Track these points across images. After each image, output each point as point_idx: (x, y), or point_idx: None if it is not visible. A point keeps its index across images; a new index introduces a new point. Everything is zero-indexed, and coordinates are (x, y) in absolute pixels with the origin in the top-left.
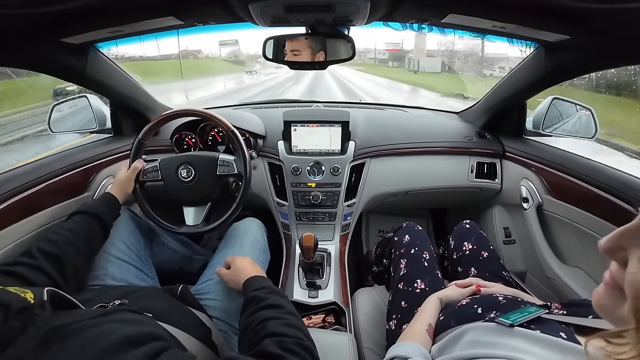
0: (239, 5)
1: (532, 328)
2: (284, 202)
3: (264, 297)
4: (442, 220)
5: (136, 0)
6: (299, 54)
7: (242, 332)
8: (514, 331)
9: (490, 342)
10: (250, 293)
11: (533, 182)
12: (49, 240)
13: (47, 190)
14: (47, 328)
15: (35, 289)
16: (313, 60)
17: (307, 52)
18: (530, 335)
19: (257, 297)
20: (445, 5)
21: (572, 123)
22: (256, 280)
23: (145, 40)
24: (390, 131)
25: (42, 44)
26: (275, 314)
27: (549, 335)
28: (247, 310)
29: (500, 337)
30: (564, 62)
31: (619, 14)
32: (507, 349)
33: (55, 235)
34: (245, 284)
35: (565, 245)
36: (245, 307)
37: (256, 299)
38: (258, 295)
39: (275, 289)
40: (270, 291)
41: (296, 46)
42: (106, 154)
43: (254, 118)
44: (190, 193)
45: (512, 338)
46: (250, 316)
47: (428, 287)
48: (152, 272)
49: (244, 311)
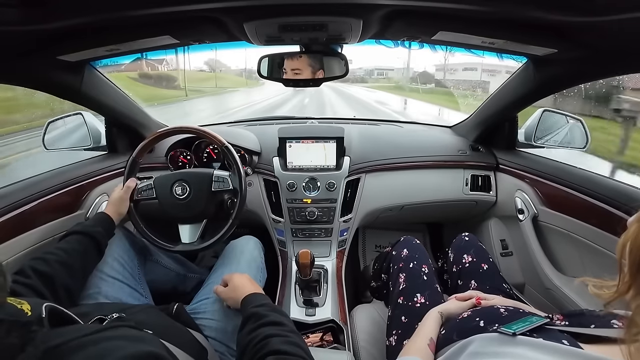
0: (234, 25)
1: (535, 336)
2: (280, 218)
3: (264, 314)
4: (439, 234)
5: (133, 20)
6: (299, 73)
7: (243, 348)
8: (517, 340)
9: (494, 352)
10: (249, 310)
11: (527, 193)
12: (43, 259)
13: (40, 208)
14: (44, 347)
15: (33, 301)
16: (314, 77)
17: (307, 70)
18: (533, 342)
19: (257, 314)
20: (435, 23)
21: (563, 134)
22: (255, 298)
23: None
24: (384, 146)
25: (38, 62)
26: (277, 331)
27: (551, 342)
28: (247, 327)
29: (503, 347)
30: (552, 75)
31: (604, 27)
32: (511, 357)
33: (48, 255)
34: (244, 301)
35: (563, 255)
36: (244, 323)
37: (257, 316)
38: (259, 312)
39: (275, 307)
40: (270, 308)
41: (297, 65)
42: (100, 171)
43: (249, 135)
44: (185, 210)
45: (515, 347)
46: (250, 333)
47: (428, 301)
48: (146, 291)
49: (243, 328)
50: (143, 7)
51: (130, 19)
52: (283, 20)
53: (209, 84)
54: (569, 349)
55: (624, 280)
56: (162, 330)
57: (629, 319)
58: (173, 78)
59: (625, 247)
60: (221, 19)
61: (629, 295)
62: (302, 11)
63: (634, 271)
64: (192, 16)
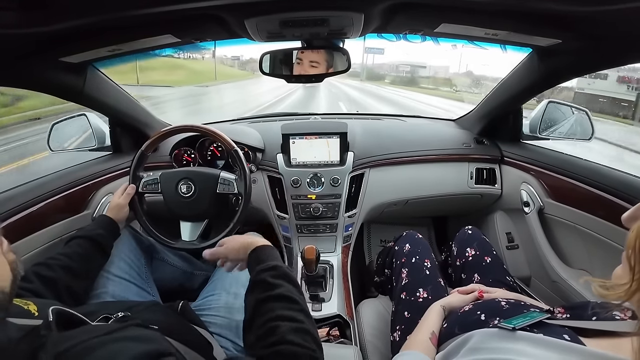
0: (235, 22)
1: (535, 332)
2: (285, 215)
3: (274, 284)
4: (444, 227)
5: (134, 20)
6: (317, 66)
7: (251, 315)
8: (517, 335)
9: (493, 348)
10: (258, 275)
11: (533, 186)
12: (45, 264)
13: (47, 209)
14: (55, 352)
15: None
16: (327, 72)
17: (324, 65)
18: (533, 338)
19: (266, 282)
20: (438, 15)
21: (568, 126)
22: (263, 254)
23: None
24: (388, 141)
25: (40, 63)
26: (288, 312)
27: (552, 337)
28: (256, 293)
29: (503, 342)
30: (556, 66)
31: (608, 16)
32: (510, 353)
33: (51, 260)
34: (251, 258)
35: (569, 247)
36: (253, 287)
37: (265, 284)
38: (267, 279)
39: (286, 272)
40: (280, 274)
41: (315, 57)
42: (105, 171)
43: (253, 132)
44: (188, 209)
45: (515, 342)
46: (260, 304)
47: (431, 295)
48: (153, 290)
49: (252, 291)
50: (144, 7)
51: (132, 18)
52: (284, 16)
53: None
54: (569, 344)
55: (635, 278)
56: (167, 328)
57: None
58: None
59: (636, 242)
60: (222, 16)
61: (639, 295)
62: (303, 6)
63: None
64: (193, 14)
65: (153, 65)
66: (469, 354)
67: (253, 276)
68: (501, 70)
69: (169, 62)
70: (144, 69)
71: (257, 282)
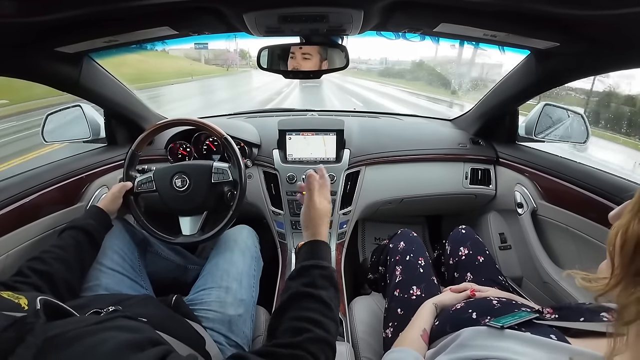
0: (234, 16)
1: (523, 330)
2: (280, 210)
3: (320, 285)
4: (438, 226)
5: (131, 11)
6: (309, 58)
7: (287, 299)
8: (505, 334)
9: (481, 345)
10: (310, 269)
11: (527, 187)
12: (39, 258)
13: (40, 200)
14: (44, 337)
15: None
16: (320, 67)
17: (316, 57)
18: (520, 336)
19: (314, 278)
20: (437, 15)
21: (564, 128)
22: (322, 249)
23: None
24: (384, 139)
25: (36, 53)
26: (322, 318)
27: (539, 336)
28: (299, 282)
29: (490, 340)
30: (554, 68)
31: (607, 20)
32: (497, 351)
33: (44, 254)
34: (309, 246)
35: (561, 249)
36: (299, 275)
37: (312, 280)
38: (316, 277)
39: (334, 277)
40: (328, 276)
41: (307, 49)
42: (100, 163)
43: (249, 127)
44: (185, 202)
45: (502, 340)
46: (299, 296)
47: (424, 293)
48: (147, 283)
49: (297, 278)
50: None
51: (129, 9)
52: (283, 11)
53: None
54: (555, 343)
55: (615, 273)
56: (159, 322)
57: (618, 312)
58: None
59: (617, 239)
60: (220, 9)
61: (618, 289)
62: (303, 1)
63: (625, 263)
64: (191, 7)
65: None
66: (456, 351)
67: (305, 264)
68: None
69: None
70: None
71: (306, 274)
